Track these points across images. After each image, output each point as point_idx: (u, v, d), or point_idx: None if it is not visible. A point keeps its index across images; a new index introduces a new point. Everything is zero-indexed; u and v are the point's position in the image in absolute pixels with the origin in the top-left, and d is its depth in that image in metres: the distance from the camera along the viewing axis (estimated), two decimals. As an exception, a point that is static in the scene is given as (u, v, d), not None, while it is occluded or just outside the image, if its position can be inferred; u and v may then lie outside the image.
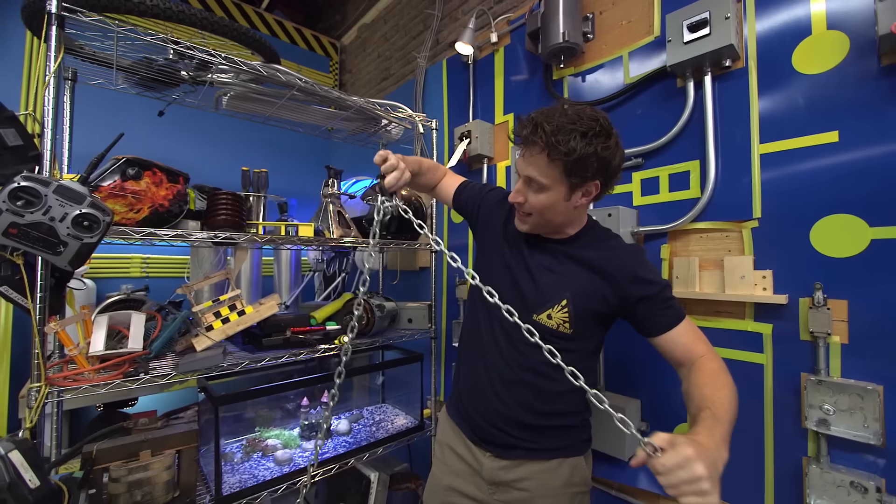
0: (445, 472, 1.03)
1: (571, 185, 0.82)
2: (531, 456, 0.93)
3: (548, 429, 0.94)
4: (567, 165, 0.79)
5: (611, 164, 0.82)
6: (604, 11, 1.44)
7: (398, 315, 1.76)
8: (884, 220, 0.90)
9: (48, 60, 0.97)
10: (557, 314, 0.90)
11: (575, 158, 0.78)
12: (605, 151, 0.80)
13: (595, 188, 0.85)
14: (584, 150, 0.78)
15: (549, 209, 0.86)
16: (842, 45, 0.97)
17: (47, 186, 0.88)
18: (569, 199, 0.85)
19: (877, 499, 0.88)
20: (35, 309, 0.95)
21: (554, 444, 0.94)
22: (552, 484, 0.91)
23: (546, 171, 0.82)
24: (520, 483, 0.92)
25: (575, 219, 0.93)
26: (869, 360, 0.92)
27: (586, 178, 0.81)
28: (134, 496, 1.09)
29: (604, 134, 0.80)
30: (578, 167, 0.79)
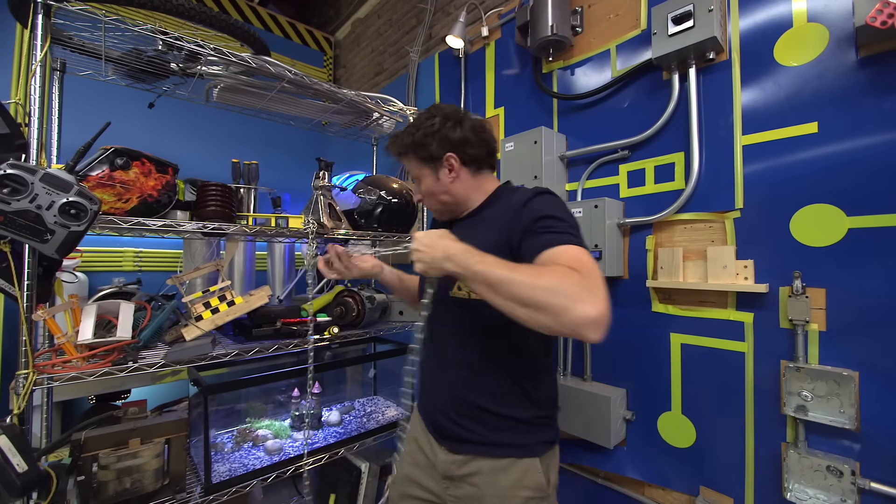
0: (408, 464, 1.04)
1: (431, 168, 0.95)
2: (481, 451, 0.89)
3: (496, 419, 0.89)
4: (417, 155, 0.94)
5: (450, 136, 0.92)
6: (592, 5, 1.45)
7: (389, 307, 1.77)
8: (860, 210, 0.92)
9: (34, 49, 0.97)
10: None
11: (416, 146, 0.93)
12: (436, 129, 0.92)
13: (454, 160, 0.93)
14: (421, 137, 0.92)
15: (430, 193, 0.97)
16: (821, 38, 0.98)
17: (34, 174, 0.89)
18: (438, 178, 0.95)
19: (851, 482, 0.90)
20: (23, 296, 0.95)
21: (503, 440, 0.89)
22: (501, 483, 0.86)
23: (412, 166, 0.98)
24: (470, 479, 0.90)
25: (464, 191, 0.96)
26: (845, 347, 0.94)
27: (435, 156, 0.93)
28: (123, 483, 1.10)
29: (432, 117, 0.93)
30: (424, 152, 0.93)
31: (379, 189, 1.71)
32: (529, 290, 0.64)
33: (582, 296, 0.62)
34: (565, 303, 0.62)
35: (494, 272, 0.68)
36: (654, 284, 1.21)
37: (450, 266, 0.72)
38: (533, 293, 0.64)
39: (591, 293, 0.63)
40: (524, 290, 0.65)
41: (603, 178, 1.38)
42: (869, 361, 0.91)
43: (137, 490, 1.12)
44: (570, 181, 1.48)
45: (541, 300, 0.63)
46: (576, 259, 0.70)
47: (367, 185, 1.73)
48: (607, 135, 1.37)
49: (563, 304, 0.62)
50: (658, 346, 1.23)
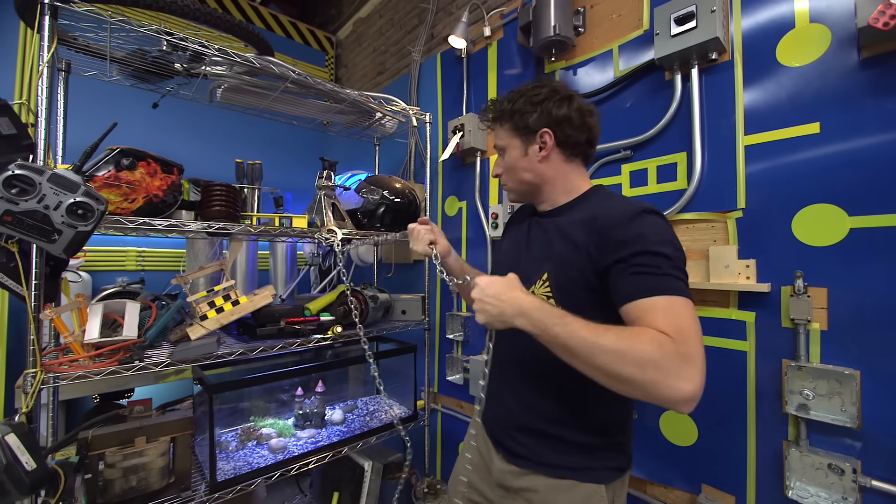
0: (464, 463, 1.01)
1: (523, 139, 0.90)
2: (538, 469, 0.83)
3: (558, 442, 0.83)
4: (513, 122, 0.90)
5: (553, 112, 0.87)
6: (595, 5, 1.45)
7: (392, 306, 1.78)
8: (862, 210, 0.93)
9: (41, 51, 0.98)
10: (540, 289, 0.84)
11: (514, 113, 0.90)
12: (540, 100, 0.87)
13: (549, 137, 0.88)
14: (521, 105, 0.89)
15: (513, 167, 0.93)
16: (824, 38, 0.99)
17: (41, 175, 0.90)
18: (525, 153, 0.90)
19: (853, 480, 0.91)
20: (30, 296, 0.96)
21: (563, 462, 0.82)
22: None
23: (501, 134, 0.94)
24: (525, 493, 0.84)
25: (550, 174, 0.90)
26: (847, 346, 0.94)
27: (531, 128, 0.88)
28: (129, 481, 1.11)
29: (540, 88, 0.89)
30: (521, 121, 0.89)
31: (382, 189, 1.72)
32: (617, 363, 0.60)
33: (678, 370, 0.58)
34: (657, 378, 0.58)
35: (576, 338, 0.62)
36: (657, 284, 1.22)
37: (522, 323, 0.67)
38: (621, 366, 0.59)
39: (688, 365, 0.58)
40: (611, 361, 0.60)
41: (605, 178, 1.39)
42: (870, 360, 0.91)
43: (143, 488, 1.13)
44: (572, 181, 1.48)
45: (629, 375, 0.59)
46: (674, 320, 0.62)
47: (370, 185, 1.74)
48: (610, 135, 1.37)
49: (655, 380, 0.58)
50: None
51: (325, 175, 1.60)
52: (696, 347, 0.60)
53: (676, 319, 0.63)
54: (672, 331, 0.61)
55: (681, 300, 0.66)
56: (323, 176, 1.60)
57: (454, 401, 1.91)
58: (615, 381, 0.61)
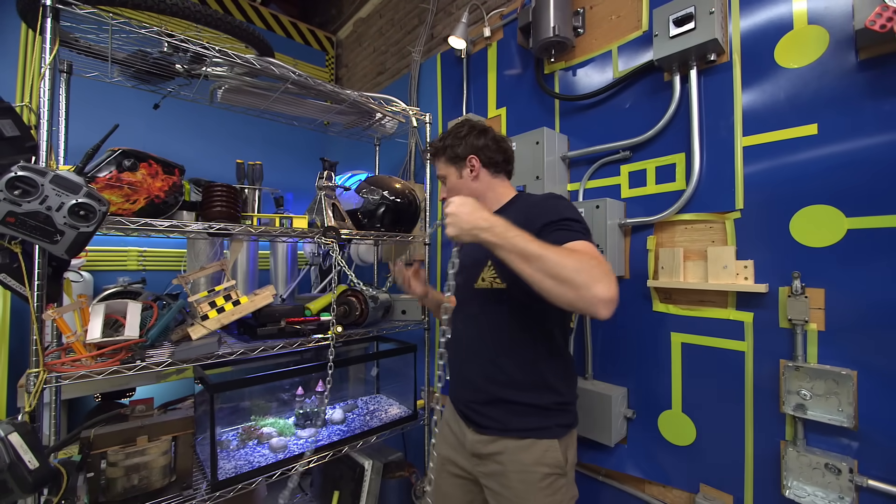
0: (442, 444, 1.17)
1: (456, 167, 1.11)
2: (504, 434, 0.99)
3: (518, 407, 0.99)
4: (447, 155, 1.11)
5: (474, 142, 1.08)
6: (594, 6, 1.45)
7: (392, 306, 1.79)
8: (859, 211, 0.93)
9: (43, 53, 0.98)
10: (488, 274, 1.03)
11: (447, 148, 1.11)
12: (464, 135, 1.09)
13: (476, 161, 1.09)
14: (451, 141, 1.10)
15: (454, 190, 1.12)
16: (822, 40, 0.99)
17: (44, 176, 0.90)
18: (461, 176, 1.11)
19: (849, 479, 0.91)
20: (33, 296, 0.97)
21: (525, 425, 0.98)
22: (523, 461, 0.96)
23: (440, 166, 1.14)
24: (496, 457, 1.00)
25: (482, 189, 1.10)
26: (844, 347, 0.95)
27: (461, 156, 1.09)
28: (131, 480, 1.12)
29: (461, 126, 1.11)
30: (452, 152, 1.10)
31: (382, 189, 1.73)
32: (559, 267, 0.74)
33: (601, 278, 0.73)
34: (588, 281, 0.72)
35: (531, 246, 0.76)
36: (655, 284, 1.22)
37: (486, 235, 0.79)
38: (562, 269, 0.74)
39: (608, 278, 0.74)
40: (555, 265, 0.74)
41: (604, 179, 1.39)
42: (867, 361, 0.92)
43: (145, 487, 1.14)
44: (571, 181, 1.49)
45: (568, 276, 0.73)
46: (593, 253, 0.82)
47: (370, 185, 1.74)
48: (609, 135, 1.38)
49: (586, 282, 0.72)
50: (659, 345, 1.25)
51: (325, 175, 1.60)
52: (610, 270, 0.77)
53: (595, 254, 0.83)
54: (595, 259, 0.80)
55: (589, 243, 0.87)
56: (323, 176, 1.60)
57: (454, 400, 1.91)
58: (556, 283, 0.74)
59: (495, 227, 0.79)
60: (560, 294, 0.74)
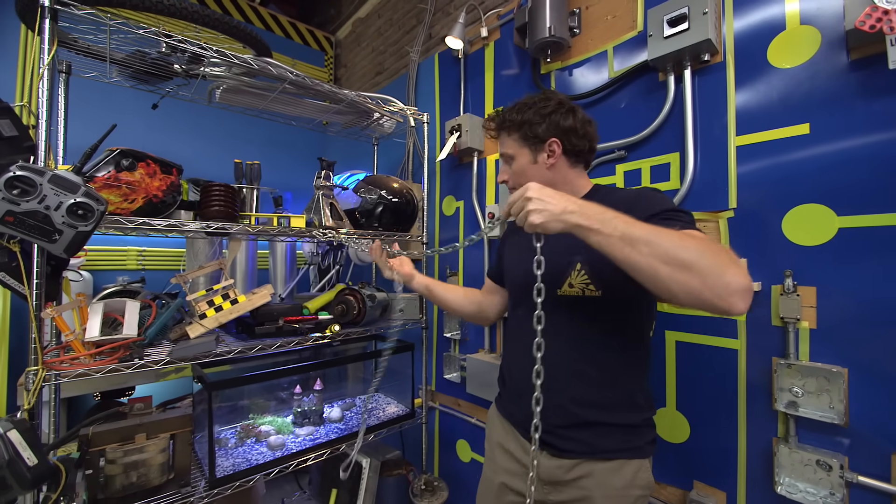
0: (497, 471, 1.02)
1: (532, 148, 0.96)
2: (589, 457, 0.88)
3: (607, 428, 0.88)
4: (522, 133, 0.95)
5: (560, 123, 0.93)
6: (590, 6, 1.46)
7: (390, 305, 1.80)
8: (850, 210, 0.94)
9: (42, 53, 0.99)
10: (578, 280, 0.88)
11: (524, 124, 0.94)
12: (549, 112, 0.93)
13: (556, 146, 0.94)
14: (531, 116, 0.94)
15: (522, 175, 0.97)
16: (814, 40, 1.00)
17: (42, 176, 0.91)
18: (535, 160, 0.96)
19: (840, 475, 0.92)
20: (32, 295, 0.98)
21: (612, 446, 0.87)
22: (613, 485, 0.85)
23: (510, 143, 0.98)
24: (579, 482, 0.88)
25: (556, 182, 0.94)
26: (835, 344, 0.96)
27: (540, 138, 0.94)
28: (130, 477, 1.13)
29: (548, 101, 0.94)
30: (530, 131, 0.94)
31: (379, 189, 1.74)
32: (678, 248, 0.61)
33: (730, 264, 0.60)
34: (716, 266, 0.59)
35: (636, 227, 0.63)
36: (650, 283, 1.23)
37: (579, 219, 0.66)
38: (681, 251, 0.60)
39: (738, 264, 0.62)
40: (672, 247, 0.61)
41: (600, 178, 1.40)
42: (858, 358, 0.93)
43: (143, 484, 1.15)
44: (567, 181, 1.50)
45: (690, 259, 0.60)
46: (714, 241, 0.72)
47: (368, 185, 1.75)
48: (604, 135, 1.38)
49: (714, 267, 0.59)
50: (653, 343, 1.25)
51: (323, 175, 1.61)
52: (735, 255, 0.66)
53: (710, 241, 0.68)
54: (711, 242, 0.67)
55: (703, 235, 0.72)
56: (321, 176, 1.61)
57: (452, 399, 1.92)
58: (674, 268, 0.61)
59: (587, 209, 0.67)
60: (681, 283, 0.60)
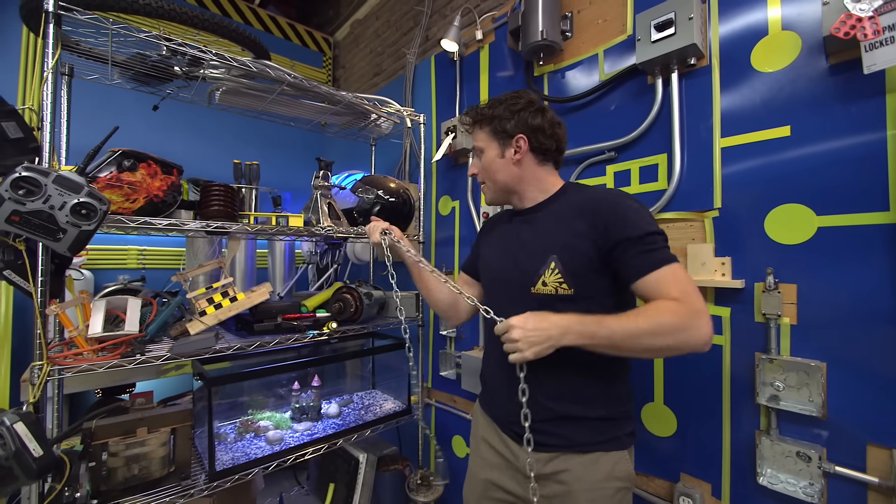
0: (482, 467, 1.04)
1: (500, 143, 0.99)
2: (567, 450, 0.90)
3: (584, 422, 0.90)
4: (492, 127, 0.99)
5: (529, 121, 0.97)
6: (581, 10, 1.49)
7: (386, 303, 1.83)
8: (829, 209, 0.97)
9: (46, 57, 1.02)
10: (551, 278, 0.90)
11: (494, 118, 0.99)
12: (518, 109, 0.97)
13: (523, 142, 0.97)
14: (501, 112, 0.98)
15: (490, 168, 1.01)
16: (795, 45, 1.03)
17: (47, 176, 0.94)
18: (502, 154, 1.00)
19: (818, 465, 0.95)
20: (37, 292, 1.01)
21: (590, 439, 0.89)
22: (592, 477, 0.87)
23: (481, 136, 1.02)
24: (558, 476, 0.89)
25: (522, 176, 1.00)
26: (814, 340, 0.99)
27: (509, 133, 0.97)
28: (131, 470, 1.16)
29: (518, 98, 0.98)
30: (499, 125, 0.98)
31: (376, 188, 1.77)
32: (654, 340, 0.76)
33: (696, 324, 0.75)
34: (686, 339, 0.75)
35: (618, 334, 0.77)
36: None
37: (571, 339, 0.78)
38: (658, 341, 0.76)
39: (698, 318, 0.75)
40: (650, 341, 0.76)
41: (591, 178, 1.43)
42: (836, 353, 0.96)
43: (145, 476, 1.18)
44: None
45: (665, 345, 0.76)
46: (680, 286, 0.79)
47: (365, 185, 1.78)
48: (595, 136, 1.42)
49: (686, 340, 0.75)
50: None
51: (321, 175, 1.64)
52: (699, 301, 0.77)
53: (681, 285, 0.79)
54: (680, 295, 0.78)
55: (677, 266, 0.82)
56: (319, 176, 1.64)
57: (448, 395, 1.95)
58: (655, 353, 0.82)
59: (575, 328, 0.77)
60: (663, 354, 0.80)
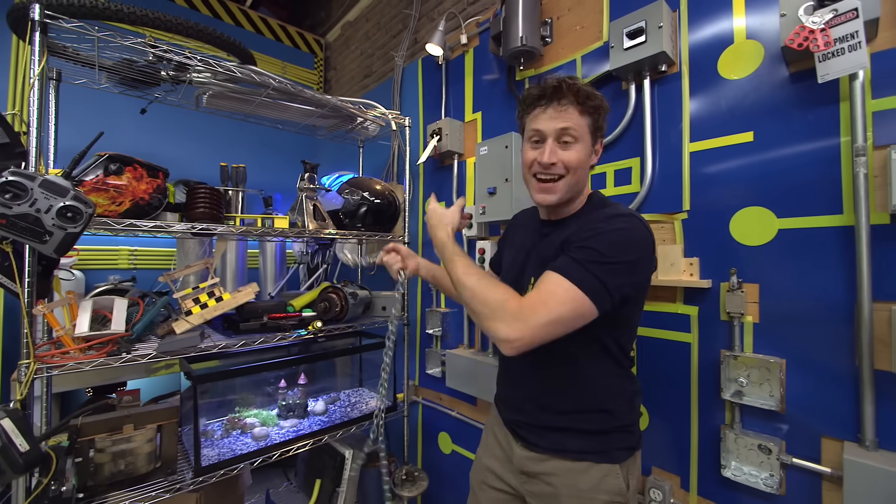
0: (485, 454, 1.08)
1: (592, 139, 0.89)
2: (557, 455, 0.90)
3: (572, 431, 0.90)
4: (594, 119, 0.87)
5: (604, 124, 0.91)
6: (561, 17, 1.53)
7: (372, 303, 1.86)
8: (789, 212, 1.01)
9: (32, 64, 1.05)
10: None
11: (599, 109, 0.87)
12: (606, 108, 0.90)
13: (600, 145, 0.93)
14: (605, 106, 0.88)
15: (580, 165, 0.87)
16: (758, 54, 1.07)
17: (33, 181, 0.97)
18: (591, 153, 0.90)
19: (777, 458, 1.00)
20: (24, 293, 1.04)
21: (579, 447, 0.88)
22: (579, 486, 0.87)
23: (579, 121, 0.86)
24: (546, 477, 0.91)
25: (583, 183, 0.92)
26: (774, 337, 1.03)
27: (601, 130, 0.90)
28: (118, 465, 1.19)
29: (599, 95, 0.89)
30: (600, 120, 0.88)
31: (362, 190, 1.80)
32: (473, 298, 0.81)
33: (508, 320, 0.74)
34: (489, 318, 0.77)
35: (456, 271, 0.85)
36: (613, 281, 1.30)
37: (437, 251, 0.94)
38: (473, 302, 0.80)
39: (517, 320, 0.73)
40: (469, 295, 0.82)
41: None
42: (794, 349, 1.00)
43: (131, 471, 1.21)
44: (540, 183, 1.56)
45: (475, 308, 0.80)
46: (542, 296, 0.74)
47: (352, 187, 1.82)
48: (573, 140, 1.45)
49: (487, 318, 0.77)
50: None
51: (306, 177, 1.67)
52: (533, 315, 0.73)
53: (545, 296, 0.75)
54: (530, 301, 0.75)
55: (567, 284, 0.74)
56: (304, 178, 1.68)
57: (434, 393, 1.99)
58: (469, 311, 0.82)
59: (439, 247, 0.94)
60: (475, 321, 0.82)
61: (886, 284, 0.88)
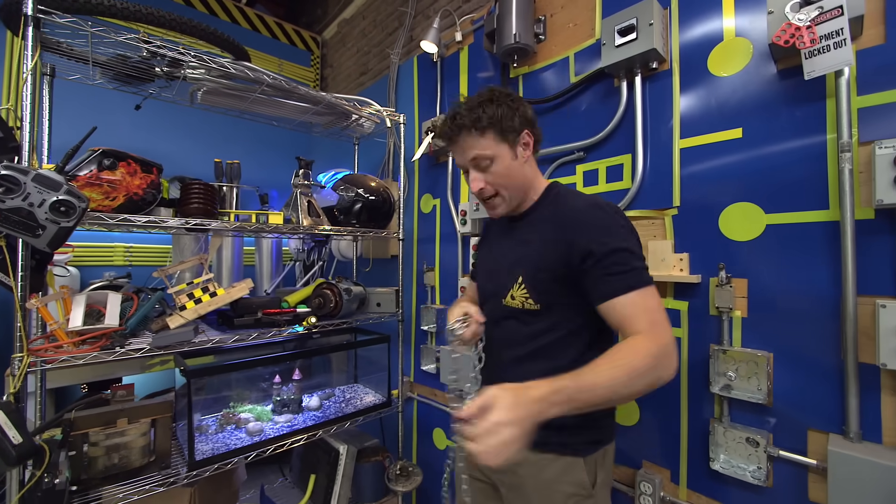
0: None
1: (511, 143, 0.90)
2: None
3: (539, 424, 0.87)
4: (499, 128, 0.88)
5: (527, 113, 0.92)
6: (554, 14, 1.54)
7: (367, 299, 1.87)
8: (776, 208, 1.02)
9: (25, 60, 1.05)
10: (518, 292, 0.90)
11: (501, 118, 0.88)
12: (514, 103, 0.90)
13: (528, 137, 0.92)
14: (504, 110, 0.88)
15: (508, 175, 0.90)
16: (747, 51, 1.08)
17: (26, 175, 0.98)
18: (515, 156, 0.91)
19: (765, 450, 1.01)
20: (17, 286, 1.04)
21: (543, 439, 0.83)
22: (542, 476, 0.88)
23: (483, 143, 0.89)
24: (514, 467, 0.91)
25: (531, 179, 0.94)
26: (762, 331, 1.04)
27: (517, 130, 0.90)
28: (112, 459, 1.20)
29: (505, 94, 0.91)
30: (506, 124, 0.88)
31: (357, 187, 1.81)
32: (630, 388, 0.69)
33: (666, 363, 0.71)
34: (657, 378, 0.70)
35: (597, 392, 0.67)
36: (605, 276, 1.31)
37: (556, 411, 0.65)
38: (634, 388, 0.69)
39: (669, 356, 0.72)
40: (627, 391, 0.69)
41: (562, 178, 1.48)
42: (781, 343, 1.01)
43: (125, 465, 1.22)
44: (533, 180, 1.57)
45: (641, 389, 0.70)
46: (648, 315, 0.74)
47: (346, 184, 1.82)
48: (566, 137, 1.46)
49: (657, 380, 0.70)
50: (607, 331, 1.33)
51: (301, 174, 1.68)
52: (666, 334, 0.74)
53: (649, 315, 0.75)
54: (647, 326, 0.74)
55: (646, 291, 0.77)
56: (299, 174, 1.68)
57: (429, 389, 2.00)
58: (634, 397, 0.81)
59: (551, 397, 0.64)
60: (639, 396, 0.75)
61: (871, 279, 0.90)
